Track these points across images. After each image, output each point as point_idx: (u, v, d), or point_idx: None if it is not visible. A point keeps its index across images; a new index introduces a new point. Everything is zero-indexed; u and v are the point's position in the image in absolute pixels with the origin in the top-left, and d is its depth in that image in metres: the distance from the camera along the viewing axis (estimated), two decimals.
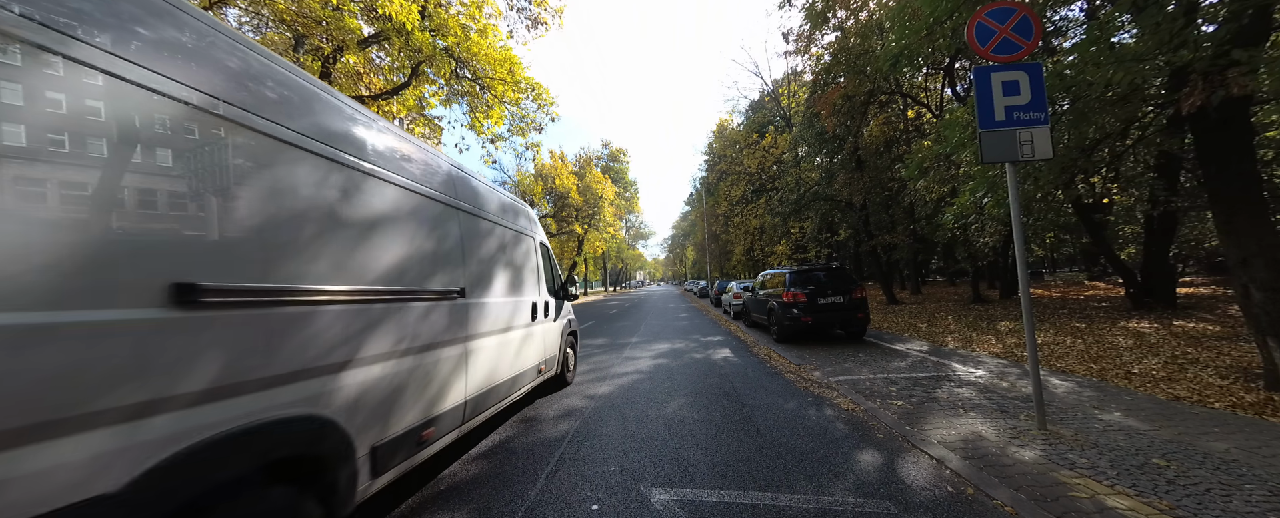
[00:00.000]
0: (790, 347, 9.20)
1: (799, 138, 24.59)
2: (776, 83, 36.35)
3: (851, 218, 20.27)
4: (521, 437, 4.38)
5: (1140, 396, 4.87)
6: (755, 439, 4.14)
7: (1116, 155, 7.97)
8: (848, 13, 15.45)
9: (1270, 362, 4.54)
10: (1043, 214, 9.61)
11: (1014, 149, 4.05)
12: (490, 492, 3.23)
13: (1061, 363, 6.52)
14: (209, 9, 8.39)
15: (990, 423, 4.23)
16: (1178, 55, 4.38)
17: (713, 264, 45.07)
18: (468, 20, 8.71)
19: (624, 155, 58.76)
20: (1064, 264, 32.09)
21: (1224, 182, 4.91)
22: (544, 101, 10.37)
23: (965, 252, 17.64)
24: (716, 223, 43.85)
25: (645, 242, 79.07)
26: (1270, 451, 3.34)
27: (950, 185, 14.27)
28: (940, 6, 6.50)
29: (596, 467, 3.62)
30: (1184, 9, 4.56)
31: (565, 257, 37.39)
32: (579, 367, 7.87)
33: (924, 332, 10.36)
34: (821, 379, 6.35)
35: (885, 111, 18.99)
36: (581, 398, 5.80)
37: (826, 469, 3.46)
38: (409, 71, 9.10)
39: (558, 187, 34.10)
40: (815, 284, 9.81)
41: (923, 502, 2.93)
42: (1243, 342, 6.84)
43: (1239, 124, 4.88)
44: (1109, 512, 2.66)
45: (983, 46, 4.23)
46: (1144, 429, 3.89)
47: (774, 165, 34.04)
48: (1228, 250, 4.88)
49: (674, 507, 2.94)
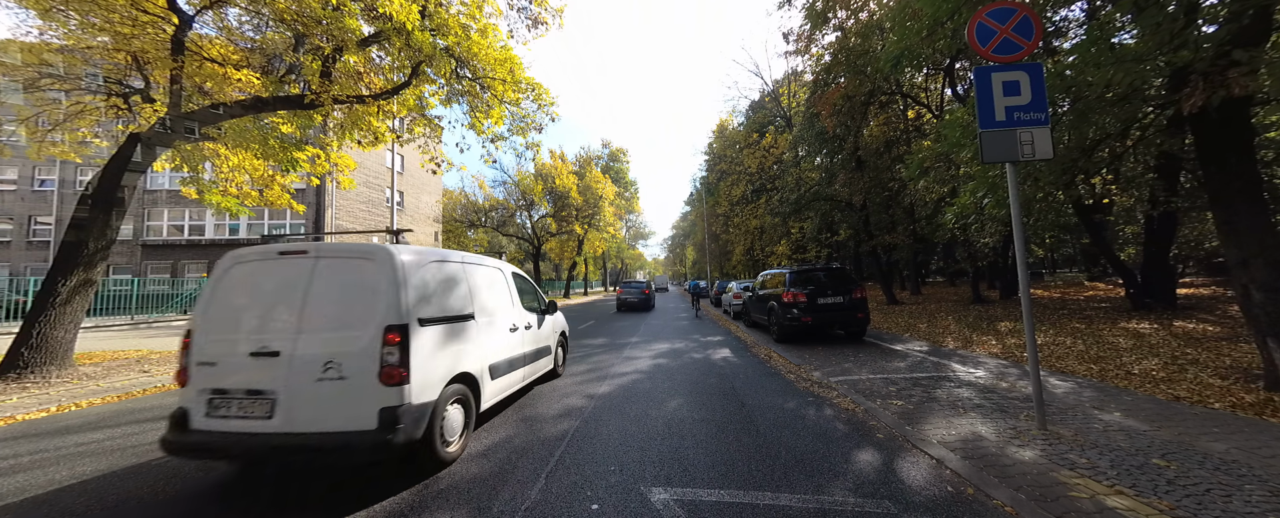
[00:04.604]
0: (790, 347, 9.20)
1: (799, 138, 24.58)
2: (777, 83, 36.37)
3: (851, 218, 20.25)
4: (521, 437, 4.38)
5: (1140, 396, 4.87)
6: (755, 439, 4.14)
7: (1117, 156, 7.95)
8: (848, 13, 15.44)
9: (1270, 362, 4.54)
10: (1043, 215, 9.59)
11: (1014, 149, 4.05)
12: (490, 492, 3.22)
13: (1061, 363, 6.52)
14: (208, 9, 8.39)
15: (990, 423, 4.23)
16: (1178, 55, 4.38)
17: (713, 264, 45.09)
18: (468, 20, 8.70)
19: (624, 155, 58.80)
20: (1064, 265, 32.09)
21: (1224, 182, 4.91)
22: (544, 101, 10.35)
23: (965, 252, 17.65)
24: (716, 223, 43.85)
25: (645, 242, 79.17)
26: (1270, 451, 3.34)
27: (950, 185, 14.27)
28: (941, 7, 6.50)
29: (596, 466, 3.62)
30: (1184, 9, 4.56)
31: (565, 256, 37.38)
32: (579, 366, 7.90)
33: (924, 332, 10.36)
34: (821, 379, 6.34)
35: (885, 112, 18.99)
36: (581, 398, 5.80)
37: (826, 469, 3.46)
38: (409, 71, 9.08)
39: (558, 186, 34.11)
40: (815, 284, 9.82)
41: (922, 502, 2.93)
42: (1243, 342, 6.84)
43: (1239, 124, 4.88)
44: (1109, 512, 2.65)
45: (983, 46, 4.23)
46: (1144, 430, 3.89)
47: (774, 165, 34.04)
48: (1228, 251, 4.88)
49: (674, 506, 2.94)
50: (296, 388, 3.18)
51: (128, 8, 7.35)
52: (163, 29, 7.91)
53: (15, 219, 26.10)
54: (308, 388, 3.18)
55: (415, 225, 33.88)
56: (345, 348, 3.25)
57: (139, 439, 4.57)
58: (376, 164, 29.19)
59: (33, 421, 5.39)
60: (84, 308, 7.60)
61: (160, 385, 6.98)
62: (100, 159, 10.28)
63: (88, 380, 7.13)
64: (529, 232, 35.42)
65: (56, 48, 8.44)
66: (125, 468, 3.81)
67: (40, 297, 7.26)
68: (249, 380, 3.24)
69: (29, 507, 3.17)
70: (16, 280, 17.23)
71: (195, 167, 10.00)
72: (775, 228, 32.23)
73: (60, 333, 7.27)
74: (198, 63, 8.37)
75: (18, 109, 9.16)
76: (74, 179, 26.17)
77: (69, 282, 7.28)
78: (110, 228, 7.79)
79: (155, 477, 3.60)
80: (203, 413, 3.25)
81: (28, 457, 4.16)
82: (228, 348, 3.37)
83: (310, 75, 8.99)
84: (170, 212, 26.08)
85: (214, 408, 3.25)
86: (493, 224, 36.24)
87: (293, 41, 9.36)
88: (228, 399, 3.24)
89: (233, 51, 9.34)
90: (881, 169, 17.86)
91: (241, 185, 10.82)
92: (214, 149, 10.01)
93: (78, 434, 4.81)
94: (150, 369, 8.11)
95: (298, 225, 25.33)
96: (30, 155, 9.42)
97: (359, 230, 8.34)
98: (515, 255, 45.83)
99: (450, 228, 39.99)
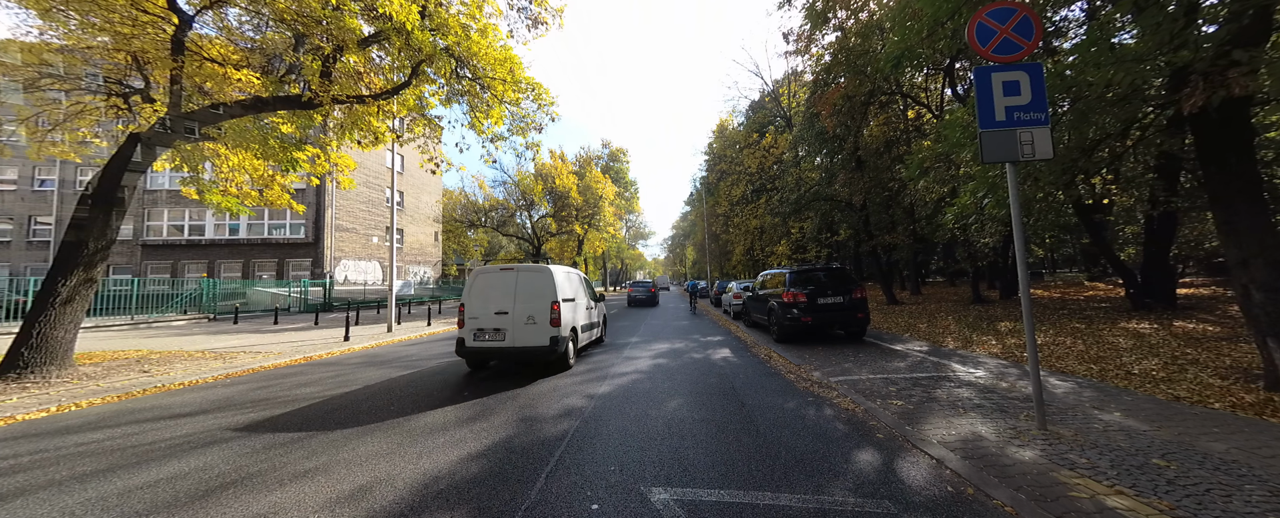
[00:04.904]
0: (790, 347, 9.20)
1: (799, 138, 24.59)
2: (777, 83, 36.37)
3: (851, 218, 20.25)
4: (521, 436, 4.38)
5: (1140, 396, 4.87)
6: (755, 439, 4.14)
7: (1117, 156, 7.95)
8: (848, 13, 15.44)
9: (1270, 362, 4.54)
10: (1043, 215, 9.58)
11: (1014, 149, 4.05)
12: (490, 492, 3.22)
13: (1061, 363, 6.52)
14: (208, 9, 8.39)
15: (990, 423, 4.23)
16: (1178, 56, 4.38)
17: (713, 264, 45.08)
18: (468, 20, 8.70)
19: (624, 155, 58.78)
20: (1064, 265, 32.06)
21: (1224, 182, 4.91)
22: (544, 101, 10.36)
23: (965, 252, 17.64)
24: (716, 223, 43.84)
25: (645, 242, 79.16)
26: (1270, 451, 3.34)
27: (950, 186, 14.26)
28: (941, 7, 6.50)
29: (596, 466, 3.62)
30: (1184, 9, 4.56)
31: (565, 256, 37.37)
32: (578, 366, 8.01)
33: (924, 332, 10.36)
34: (821, 379, 6.35)
35: (885, 112, 18.98)
36: (581, 397, 5.80)
37: (826, 469, 3.46)
38: (409, 71, 9.09)
39: (558, 186, 34.10)
40: (815, 284, 9.82)
41: (922, 502, 2.93)
42: (1243, 342, 6.84)
43: (1239, 124, 4.88)
44: (1109, 512, 2.66)
45: (983, 47, 4.23)
46: (1144, 430, 3.89)
47: (774, 165, 34.04)
48: (1228, 251, 4.88)
49: (674, 506, 2.94)
50: (514, 327, 7.22)
51: (128, 8, 7.34)
52: (163, 29, 7.91)
53: (15, 219, 26.10)
54: (520, 327, 7.22)
55: (415, 225, 33.90)
56: (536, 309, 7.27)
57: (140, 439, 4.57)
58: (376, 164, 29.19)
59: (33, 420, 5.39)
60: (84, 308, 7.60)
61: (160, 386, 6.98)
62: (100, 159, 10.28)
63: (88, 380, 7.13)
64: (529, 232, 35.41)
65: (56, 48, 8.43)
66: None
67: (40, 297, 7.26)
68: (493, 323, 7.25)
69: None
70: (16, 280, 17.22)
71: (195, 167, 10.00)
72: (775, 228, 32.23)
73: (60, 333, 7.27)
74: (198, 63, 8.36)
75: (18, 109, 9.15)
76: (74, 179, 26.17)
77: (69, 282, 7.28)
78: (110, 228, 7.79)
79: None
80: (471, 339, 7.24)
81: (28, 457, 4.16)
82: (482, 310, 7.31)
83: (310, 75, 8.99)
84: (170, 212, 26.07)
85: (477, 337, 7.25)
86: (493, 224, 36.24)
87: (293, 41, 9.36)
88: (483, 332, 7.24)
89: (233, 51, 9.34)
90: (881, 169, 17.85)
91: (241, 185, 10.82)
92: (214, 149, 10.00)
93: (78, 434, 4.80)
94: (150, 369, 8.11)
95: (298, 225, 25.35)
96: (30, 155, 9.42)
97: (359, 230, 8.55)
98: (515, 255, 45.80)
99: (450, 228, 39.95)
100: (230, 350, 10.37)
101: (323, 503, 3.11)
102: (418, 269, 34.00)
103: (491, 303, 7.30)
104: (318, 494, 3.25)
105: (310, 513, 3.00)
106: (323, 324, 16.49)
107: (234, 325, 16.61)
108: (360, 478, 3.50)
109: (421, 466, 3.71)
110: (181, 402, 6.15)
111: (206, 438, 4.55)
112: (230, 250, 25.78)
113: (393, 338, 12.50)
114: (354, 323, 16.45)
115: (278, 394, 6.44)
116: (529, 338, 7.14)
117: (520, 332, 7.16)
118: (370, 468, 3.69)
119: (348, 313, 14.57)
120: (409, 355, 9.80)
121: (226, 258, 25.76)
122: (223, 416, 5.38)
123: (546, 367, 7.63)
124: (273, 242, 25.60)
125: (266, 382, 7.37)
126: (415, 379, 7.22)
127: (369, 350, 10.76)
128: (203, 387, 7.11)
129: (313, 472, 3.64)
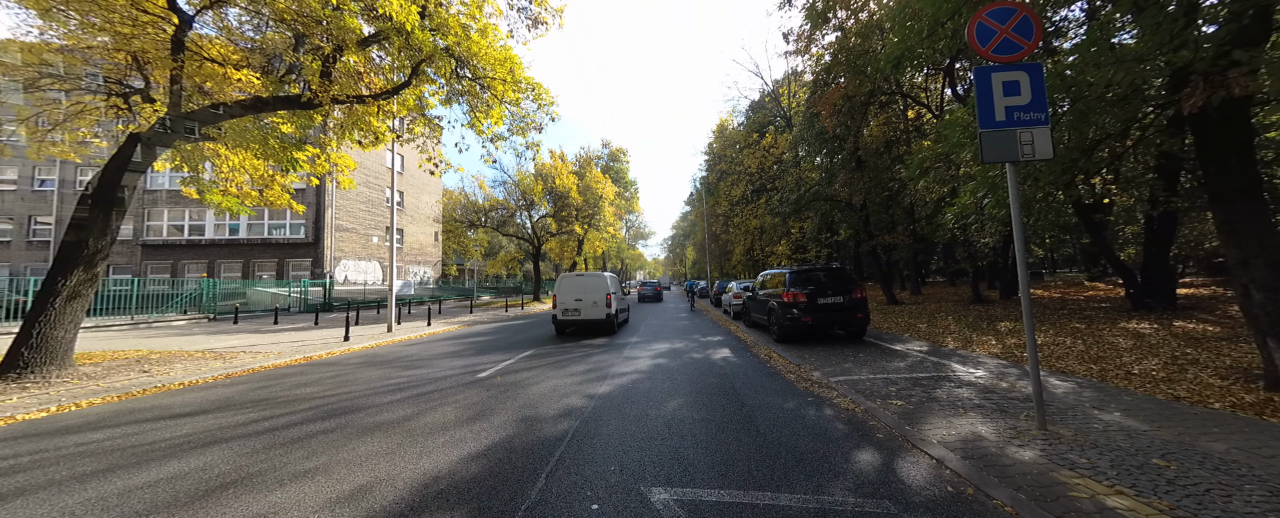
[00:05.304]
0: (790, 347, 9.20)
1: (799, 138, 24.59)
2: (777, 83, 36.38)
3: (851, 218, 20.25)
4: (521, 436, 4.38)
5: (1140, 396, 4.87)
6: (755, 439, 4.14)
7: (1117, 156, 7.95)
8: (848, 13, 15.44)
9: (1270, 362, 4.54)
10: (1043, 215, 9.58)
11: (1014, 149, 4.05)
12: (490, 492, 3.23)
13: (1061, 363, 6.52)
14: (208, 9, 8.39)
15: (990, 423, 4.23)
16: (1178, 56, 4.38)
17: (713, 264, 45.08)
18: (468, 20, 8.70)
19: (624, 155, 58.79)
20: (1064, 265, 32.06)
21: (1224, 182, 4.91)
22: (544, 101, 10.36)
23: (965, 252, 17.64)
24: (716, 223, 43.84)
25: (645, 242, 79.20)
26: (1270, 451, 3.34)
27: (950, 186, 14.27)
28: (941, 7, 6.50)
29: (596, 466, 3.62)
30: (1184, 9, 4.55)
31: (565, 256, 37.36)
32: (578, 366, 7.99)
33: (924, 332, 10.36)
34: (821, 379, 6.35)
35: (885, 112, 18.98)
36: (581, 398, 5.80)
37: (826, 469, 3.46)
38: (409, 71, 9.09)
39: (558, 186, 34.06)
40: (815, 284, 9.81)
41: (922, 502, 2.93)
42: (1243, 342, 6.84)
43: (1239, 124, 4.88)
44: (1109, 512, 2.66)
45: (983, 47, 4.23)
46: (1144, 430, 3.89)
47: (774, 165, 34.05)
48: (1228, 251, 4.88)
49: (674, 506, 2.94)
50: (586, 308, 12.67)
51: (128, 8, 7.34)
52: (163, 29, 7.91)
53: (15, 219, 26.10)
54: (589, 308, 12.67)
55: (415, 225, 33.91)
56: (597, 298, 12.69)
57: (140, 439, 4.57)
58: (376, 164, 29.19)
59: (33, 420, 5.39)
60: (84, 308, 7.60)
61: (160, 386, 6.99)
62: (100, 159, 10.28)
63: (88, 380, 7.13)
64: (529, 232, 35.36)
65: (56, 48, 8.44)
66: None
67: (40, 297, 7.26)
68: (573, 306, 12.71)
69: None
70: (16, 280, 17.21)
71: (195, 166, 10.00)
72: (775, 228, 32.24)
73: (60, 333, 7.27)
74: (198, 63, 8.37)
75: (18, 109, 9.15)
76: (74, 179, 26.17)
77: (69, 282, 7.28)
78: (110, 228, 7.79)
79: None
80: (561, 314, 12.71)
81: (28, 457, 4.16)
82: (566, 298, 12.76)
83: (310, 75, 8.99)
84: (170, 212, 26.07)
85: (563, 313, 12.73)
86: (493, 224, 36.17)
87: (293, 41, 9.36)
88: (567, 311, 12.71)
89: (233, 51, 9.34)
90: (881, 169, 17.85)
91: (241, 185, 10.82)
92: (214, 149, 10.00)
93: (78, 434, 4.80)
94: (150, 369, 8.11)
95: (298, 225, 25.35)
96: (30, 155, 9.42)
97: (359, 230, 8.32)
98: (515, 255, 45.79)
99: (450, 228, 39.92)
100: (230, 350, 10.37)
101: (323, 503, 3.12)
102: (418, 269, 34.01)
103: (572, 294, 12.69)
104: (318, 494, 3.25)
105: (310, 513, 3.00)
106: (323, 324, 16.50)
107: (234, 325, 16.62)
108: (360, 478, 3.50)
109: (421, 466, 3.71)
110: (181, 402, 6.15)
111: (206, 438, 4.56)
112: (230, 250, 25.78)
113: (393, 338, 12.50)
114: (354, 323, 16.46)
115: (278, 394, 6.44)
116: (594, 314, 12.54)
117: (589, 310, 12.56)
118: (370, 468, 3.69)
119: (348, 313, 14.57)
120: (409, 356, 9.81)
121: (226, 258, 25.76)
122: (223, 416, 5.38)
123: (600, 330, 13.12)
124: (273, 242, 25.60)
125: (266, 382, 7.37)
126: (415, 379, 7.22)
127: (369, 351, 10.76)
128: (203, 387, 7.11)
129: (313, 472, 3.64)
